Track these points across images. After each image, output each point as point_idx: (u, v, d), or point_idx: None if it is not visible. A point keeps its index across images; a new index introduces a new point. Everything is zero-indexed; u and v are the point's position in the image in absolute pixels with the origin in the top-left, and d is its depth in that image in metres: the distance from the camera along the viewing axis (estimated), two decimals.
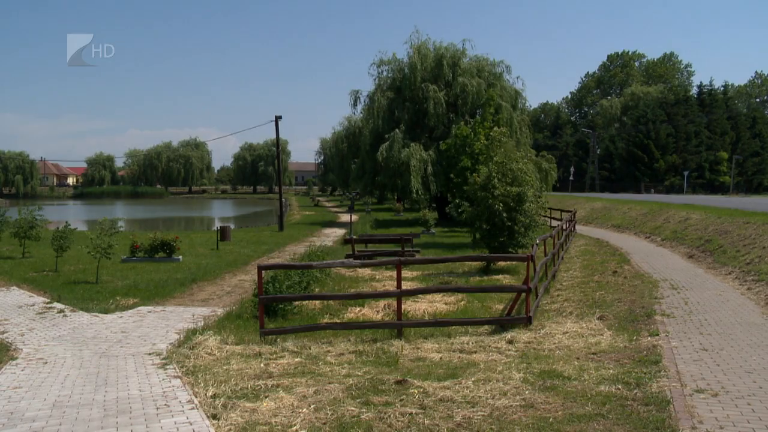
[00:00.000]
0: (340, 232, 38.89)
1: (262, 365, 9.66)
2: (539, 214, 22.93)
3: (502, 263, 20.78)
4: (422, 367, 9.51)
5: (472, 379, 8.53)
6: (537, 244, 15.49)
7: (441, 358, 10.07)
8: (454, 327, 12.07)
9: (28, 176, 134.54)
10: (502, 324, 12.18)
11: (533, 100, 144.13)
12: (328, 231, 40.55)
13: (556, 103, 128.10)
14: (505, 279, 18.95)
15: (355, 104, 50.36)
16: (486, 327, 12.21)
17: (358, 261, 15.24)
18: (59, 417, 7.60)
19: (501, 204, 20.18)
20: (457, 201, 27.89)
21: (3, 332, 12.68)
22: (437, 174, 41.26)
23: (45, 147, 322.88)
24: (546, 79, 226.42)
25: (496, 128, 24.90)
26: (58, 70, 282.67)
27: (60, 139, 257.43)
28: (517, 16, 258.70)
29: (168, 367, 9.88)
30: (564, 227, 25.36)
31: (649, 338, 10.76)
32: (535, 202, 21.74)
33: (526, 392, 7.97)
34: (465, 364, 9.54)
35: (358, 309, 14.25)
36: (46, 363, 10.38)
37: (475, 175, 21.92)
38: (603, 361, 9.51)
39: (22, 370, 9.88)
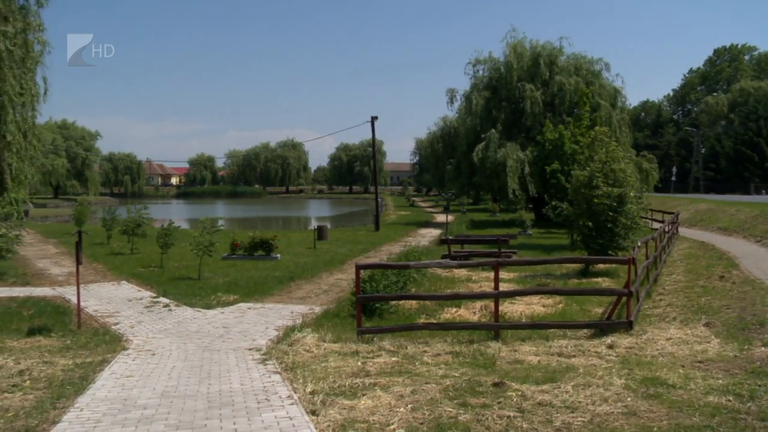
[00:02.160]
0: (435, 232, 38.89)
1: (359, 363, 9.76)
2: (640, 216, 22.24)
3: (601, 266, 20.25)
4: (520, 369, 9.39)
5: (572, 383, 8.35)
6: (638, 247, 15.05)
7: (539, 361, 9.91)
8: (552, 330, 11.88)
9: (135, 176, 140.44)
10: (601, 328, 11.89)
11: (633, 98, 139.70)
12: (423, 231, 40.61)
13: (657, 101, 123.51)
14: (604, 282, 18.47)
15: (451, 102, 50.44)
16: (585, 331, 11.95)
17: (455, 262, 15.17)
18: (167, 406, 7.93)
19: (605, 204, 19.68)
20: (554, 202, 27.43)
21: (115, 323, 13.39)
22: (534, 174, 40.67)
23: (150, 148, 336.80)
24: (646, 76, 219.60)
25: (598, 127, 24.29)
26: (164, 75, 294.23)
27: (164, 140, 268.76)
28: (617, 12, 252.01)
29: (268, 362, 10.14)
30: (666, 229, 24.50)
31: (762, 348, 10.17)
32: (636, 204, 21.11)
33: (628, 399, 7.73)
34: (564, 368, 9.35)
35: (454, 310, 14.21)
36: (154, 354, 10.86)
37: (579, 172, 21.43)
38: (711, 370, 9.09)
39: (133, 360, 10.38)
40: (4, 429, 7.13)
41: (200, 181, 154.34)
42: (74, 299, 14.59)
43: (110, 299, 16.37)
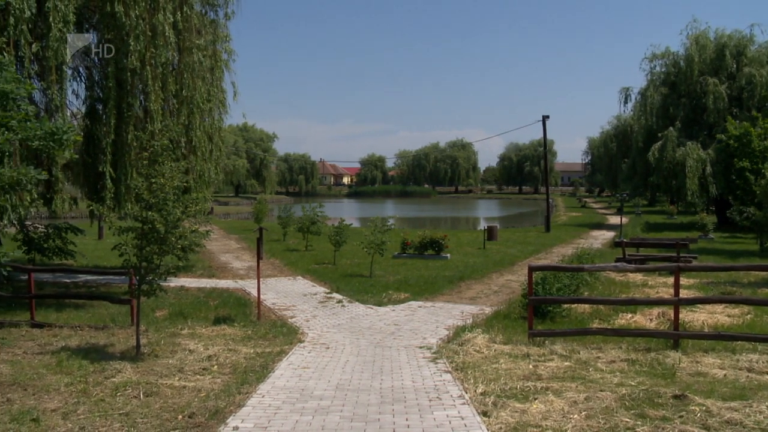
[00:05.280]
0: (608, 234, 37.55)
1: (530, 366, 9.60)
2: None
3: None
4: (703, 383, 8.81)
5: (766, 403, 7.64)
6: None
7: (725, 375, 9.23)
8: (739, 342, 11.04)
9: (309, 176, 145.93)
10: None
11: None
12: (595, 233, 39.35)
13: None
14: None
15: (625, 102, 48.40)
16: None
17: (632, 265, 14.53)
18: (342, 398, 8.20)
19: None
20: (739, 205, 25.63)
21: (292, 317, 14.03)
22: (716, 175, 38.17)
23: (324, 149, 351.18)
24: None
25: None
26: (341, 79, 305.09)
27: (337, 141, 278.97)
28: None
29: (438, 361, 10.21)
30: None
31: None
32: None
33: None
34: (755, 386, 8.64)
35: (629, 315, 13.62)
36: (328, 348, 11.29)
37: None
38: None
39: (309, 353, 10.84)
40: (198, 407, 7.71)
41: (371, 181, 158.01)
42: (254, 292, 15.52)
43: (287, 293, 17.17)
